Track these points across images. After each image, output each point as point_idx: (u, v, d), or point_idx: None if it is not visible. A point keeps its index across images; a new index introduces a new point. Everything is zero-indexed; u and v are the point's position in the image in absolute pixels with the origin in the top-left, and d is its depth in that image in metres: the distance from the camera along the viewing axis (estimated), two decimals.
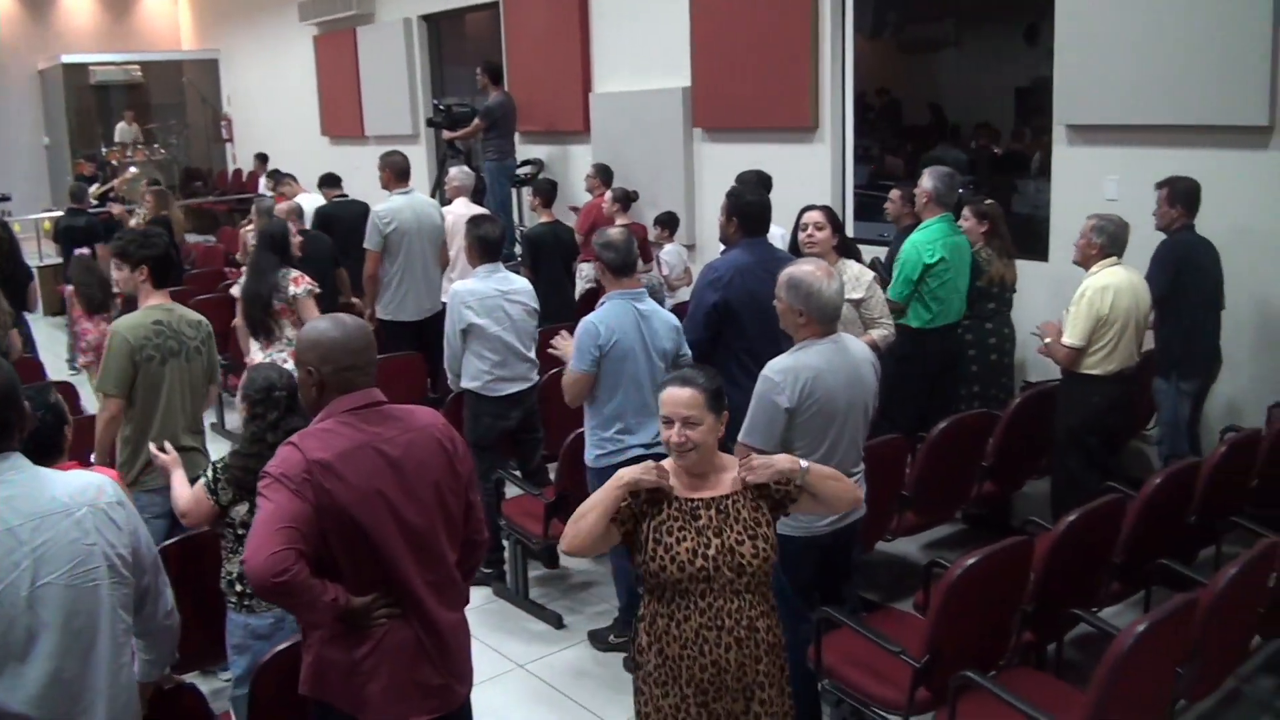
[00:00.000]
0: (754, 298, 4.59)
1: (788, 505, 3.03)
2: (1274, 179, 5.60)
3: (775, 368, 3.65)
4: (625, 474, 2.92)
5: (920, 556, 5.09)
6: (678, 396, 2.92)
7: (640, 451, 4.32)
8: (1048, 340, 5.10)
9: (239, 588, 3.58)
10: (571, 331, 4.54)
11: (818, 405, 3.61)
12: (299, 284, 5.63)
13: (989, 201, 5.89)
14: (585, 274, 8.07)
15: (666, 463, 3.00)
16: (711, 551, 2.88)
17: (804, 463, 3.02)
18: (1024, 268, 5.92)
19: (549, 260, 7.29)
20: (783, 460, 2.99)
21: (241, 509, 3.54)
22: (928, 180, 5.62)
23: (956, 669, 3.28)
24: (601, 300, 4.45)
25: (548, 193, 7.88)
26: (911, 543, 5.33)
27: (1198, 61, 5.69)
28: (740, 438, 3.69)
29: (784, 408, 3.58)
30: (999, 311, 5.76)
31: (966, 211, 5.87)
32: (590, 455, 4.40)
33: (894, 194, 6.16)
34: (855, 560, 4.05)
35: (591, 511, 2.95)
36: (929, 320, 5.54)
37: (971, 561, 3.34)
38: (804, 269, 3.72)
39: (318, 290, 5.73)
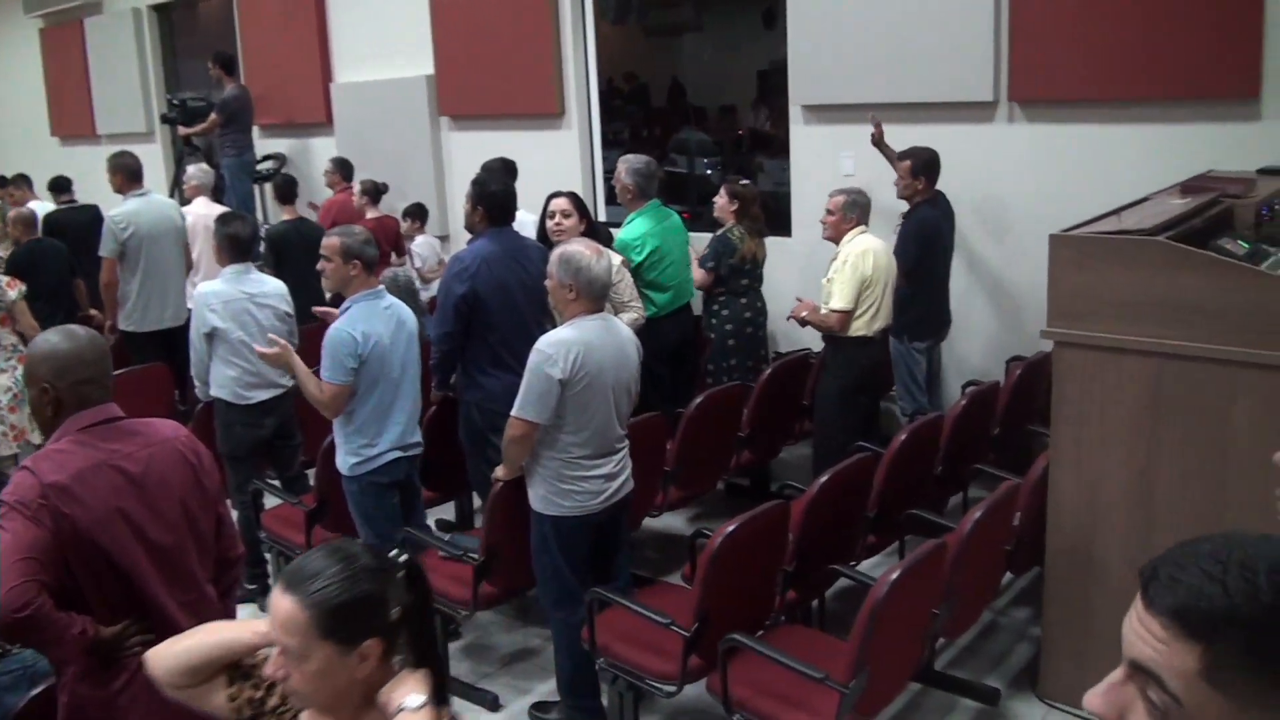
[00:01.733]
0: (502, 287, 4.58)
1: None
2: (1000, 150, 5.98)
3: (548, 340, 3.71)
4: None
5: (687, 529, 5.19)
6: (276, 609, 1.80)
7: (396, 455, 4.24)
8: (805, 314, 5.25)
9: None
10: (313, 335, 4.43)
11: (588, 378, 3.68)
12: (12, 288, 5.27)
13: (744, 182, 6.02)
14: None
15: None
16: None
17: None
18: (770, 244, 6.11)
19: (293, 259, 7.03)
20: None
21: None
22: (625, 175, 5.65)
23: (725, 634, 3.36)
24: (345, 304, 4.24)
25: (286, 189, 7.61)
26: (678, 516, 5.43)
27: (925, 41, 5.99)
28: (514, 412, 3.72)
29: (557, 379, 3.63)
30: (751, 288, 5.91)
31: (721, 190, 6.00)
32: (346, 463, 4.24)
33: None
34: (625, 535, 4.11)
35: (202, 639, 2.07)
36: (660, 309, 5.61)
37: (731, 529, 3.42)
38: (574, 247, 3.80)
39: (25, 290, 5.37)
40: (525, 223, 5.94)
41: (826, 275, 5.25)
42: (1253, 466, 3.30)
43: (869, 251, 5.14)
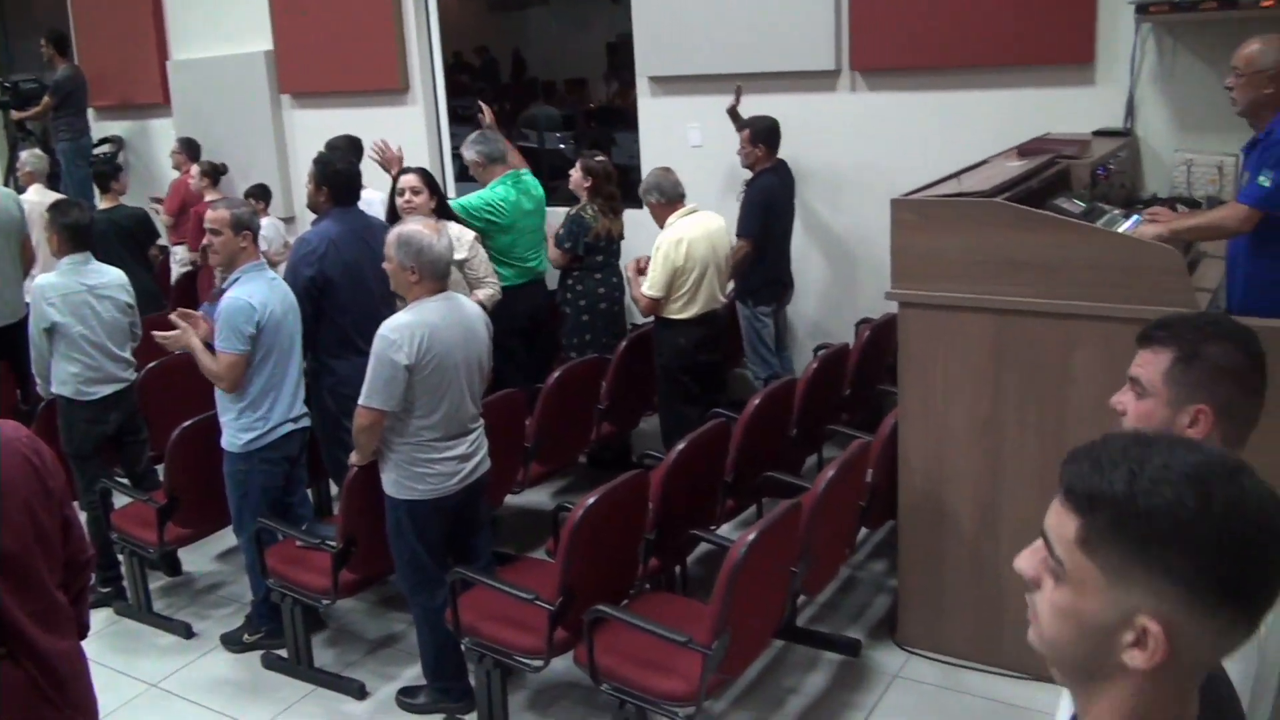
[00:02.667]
0: (350, 268, 4.49)
1: None
2: (843, 118, 6.09)
3: (391, 325, 3.62)
4: None
5: (550, 504, 5.19)
6: None
7: (290, 428, 4.22)
8: (628, 277, 5.32)
9: None
10: (164, 325, 4.27)
11: (436, 361, 3.62)
12: None
13: (599, 158, 5.96)
14: (180, 258, 7.57)
15: None
16: None
17: None
18: (628, 216, 6.11)
19: (109, 250, 6.70)
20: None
21: None
22: (469, 151, 5.64)
23: (589, 605, 3.36)
24: (234, 276, 4.17)
25: (105, 176, 7.26)
26: (540, 492, 5.42)
27: (769, 12, 6.05)
28: (361, 401, 3.64)
29: (403, 365, 3.56)
30: (608, 263, 5.89)
31: (577, 165, 5.96)
32: (238, 440, 4.16)
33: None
34: (484, 515, 4.07)
35: None
36: (514, 278, 5.58)
37: (591, 501, 3.43)
38: (412, 228, 3.71)
39: None
40: (372, 201, 5.81)
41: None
42: (1092, 412, 3.46)
43: (683, 240, 5.11)
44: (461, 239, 5.02)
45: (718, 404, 5.16)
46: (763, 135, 5.68)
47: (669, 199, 5.24)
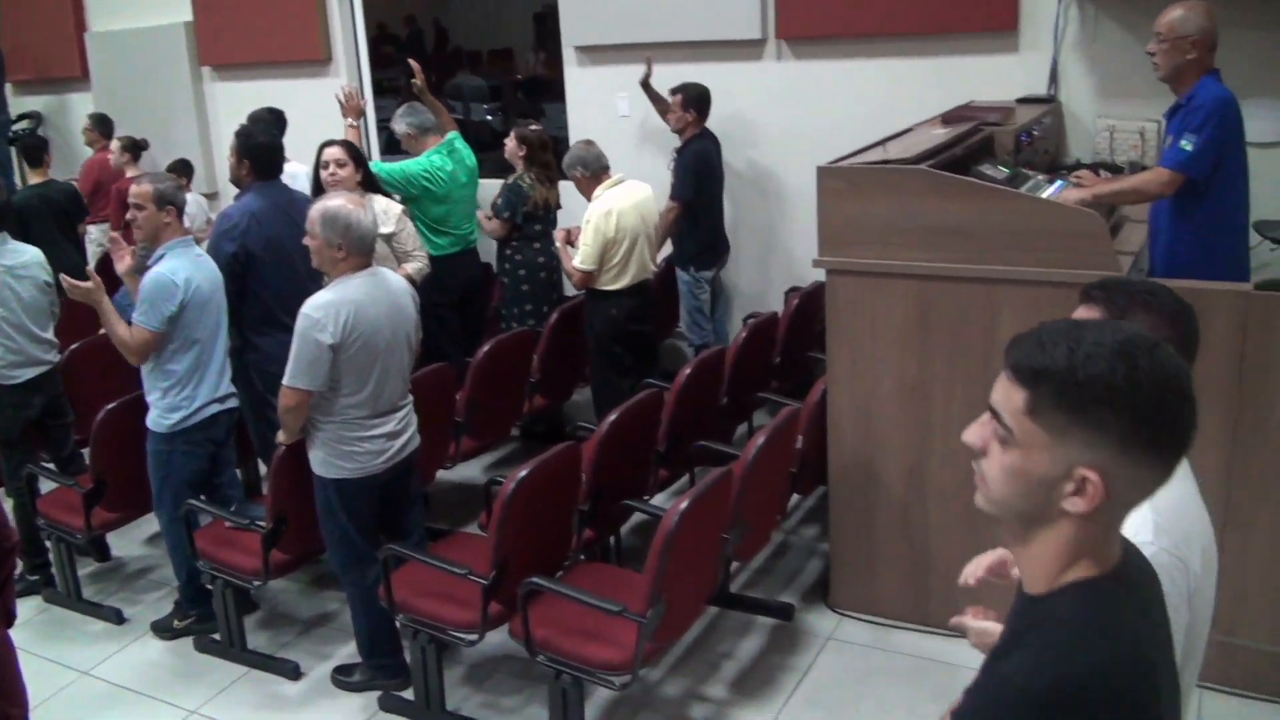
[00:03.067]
0: (273, 243, 4.42)
1: None
2: (770, 86, 6.10)
3: (315, 304, 3.55)
4: None
5: (483, 479, 5.16)
6: None
7: (216, 408, 4.15)
8: (556, 247, 5.31)
9: None
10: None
11: (362, 339, 3.57)
12: None
13: (533, 127, 5.90)
14: (94, 237, 7.42)
15: None
16: None
17: None
18: (563, 186, 6.07)
19: (41, 226, 6.58)
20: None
21: None
22: (399, 125, 5.61)
23: (524, 578, 3.36)
24: (159, 252, 4.08)
25: (34, 151, 7.10)
26: (473, 466, 5.39)
27: None
28: (285, 382, 3.59)
29: (328, 344, 3.51)
30: (545, 233, 5.86)
31: (511, 135, 5.91)
32: (164, 421, 4.08)
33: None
34: (415, 491, 4.05)
35: None
36: (449, 247, 5.57)
37: (523, 474, 3.42)
38: (335, 203, 3.64)
39: None
40: (296, 175, 5.74)
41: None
42: None
43: (612, 212, 5.12)
44: (388, 212, 4.97)
45: (650, 374, 5.17)
46: (694, 101, 5.71)
47: (593, 172, 5.23)
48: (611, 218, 5.10)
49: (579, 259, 5.13)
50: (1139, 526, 1.72)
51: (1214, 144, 3.87)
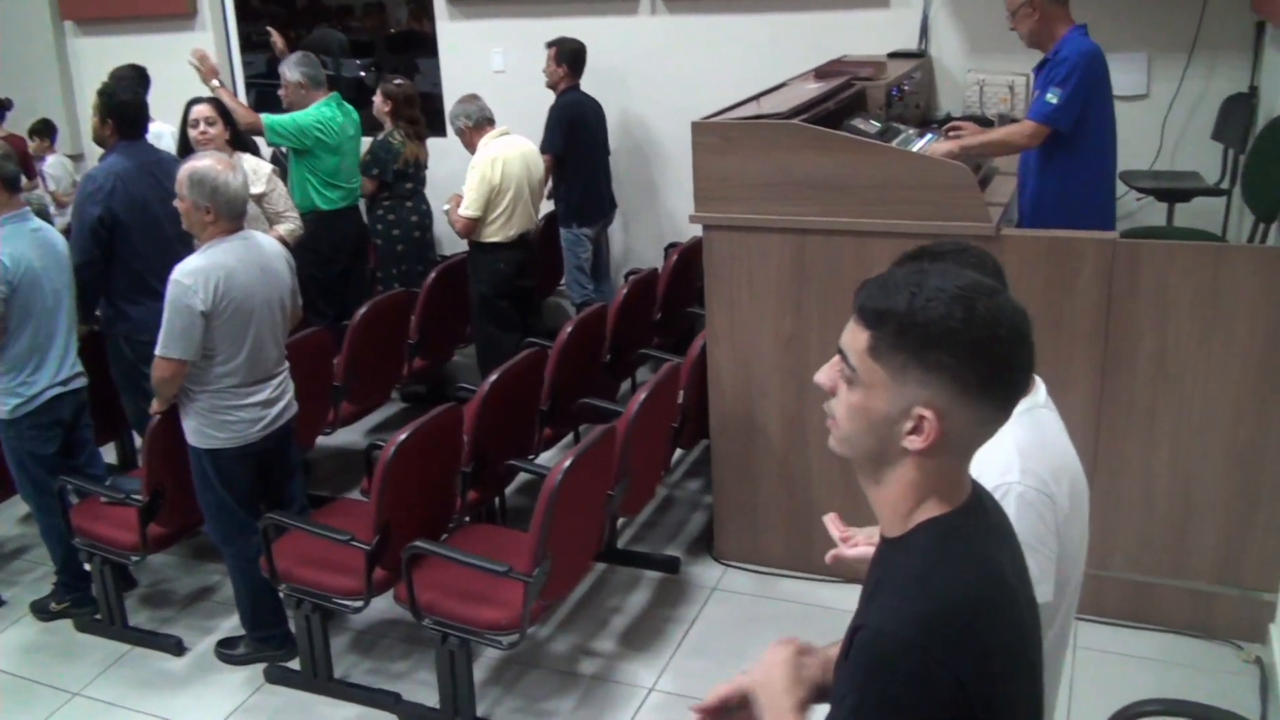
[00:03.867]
0: (140, 205, 4.26)
1: None
2: (645, 41, 6.10)
3: (185, 270, 3.45)
4: None
5: (364, 443, 5.10)
6: None
7: (58, 390, 3.94)
8: (446, 208, 5.30)
9: None
10: None
11: (234, 305, 3.48)
12: None
13: (399, 82, 5.79)
14: None
15: None
16: None
17: None
18: (431, 145, 5.99)
19: None
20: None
21: None
22: (292, 72, 5.45)
23: (407, 543, 3.34)
24: None
25: None
26: (354, 431, 5.31)
27: None
28: (159, 352, 3.48)
29: (200, 311, 3.42)
30: (416, 191, 5.80)
31: (378, 91, 5.81)
32: (4, 406, 3.89)
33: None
34: (295, 459, 3.98)
35: None
36: (339, 200, 5.47)
37: (403, 437, 3.38)
38: (204, 164, 3.52)
39: None
40: (162, 134, 5.55)
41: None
42: None
43: (498, 159, 5.14)
44: (258, 172, 4.83)
45: (534, 331, 5.16)
46: (567, 56, 5.69)
47: (477, 122, 5.25)
48: (497, 164, 5.12)
49: (464, 206, 5.13)
50: (1006, 466, 1.78)
51: (1078, 97, 3.99)
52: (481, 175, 5.09)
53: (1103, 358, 3.63)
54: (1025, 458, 1.80)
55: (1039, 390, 1.93)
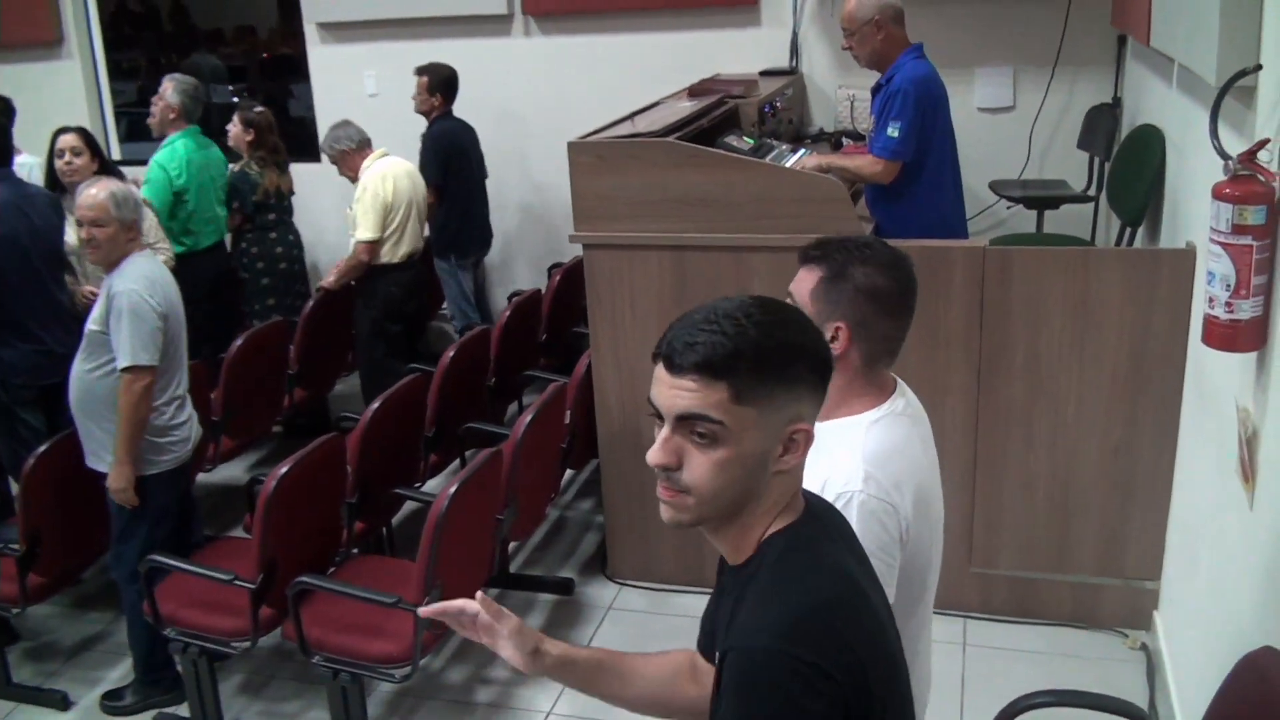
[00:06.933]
0: (12, 241, 4.08)
1: None
2: (518, 63, 6.13)
3: (130, 277, 3.45)
4: None
5: (246, 478, 4.99)
6: None
7: None
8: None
9: None
10: None
11: (174, 313, 3.56)
12: None
13: (258, 109, 5.67)
14: None
15: None
16: None
17: None
18: (302, 171, 5.89)
19: None
20: None
21: None
22: (172, 94, 5.31)
23: (293, 578, 3.28)
24: None
25: None
26: (235, 466, 5.18)
27: None
28: (127, 362, 3.40)
29: (160, 312, 3.44)
30: (281, 221, 5.65)
31: (235, 118, 5.66)
32: None
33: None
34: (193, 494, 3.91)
35: None
36: (191, 246, 5.33)
37: (284, 470, 3.32)
38: (114, 185, 3.53)
39: None
40: (30, 166, 5.37)
41: (350, 204, 5.23)
42: None
43: (388, 176, 5.12)
44: None
45: (417, 357, 5.11)
46: (440, 85, 5.63)
47: (357, 144, 5.21)
48: (388, 181, 5.12)
49: (361, 229, 5.09)
50: (849, 476, 1.79)
51: (914, 127, 4.03)
52: (374, 193, 5.05)
53: (979, 362, 3.73)
54: (870, 466, 1.80)
55: (896, 399, 1.93)
